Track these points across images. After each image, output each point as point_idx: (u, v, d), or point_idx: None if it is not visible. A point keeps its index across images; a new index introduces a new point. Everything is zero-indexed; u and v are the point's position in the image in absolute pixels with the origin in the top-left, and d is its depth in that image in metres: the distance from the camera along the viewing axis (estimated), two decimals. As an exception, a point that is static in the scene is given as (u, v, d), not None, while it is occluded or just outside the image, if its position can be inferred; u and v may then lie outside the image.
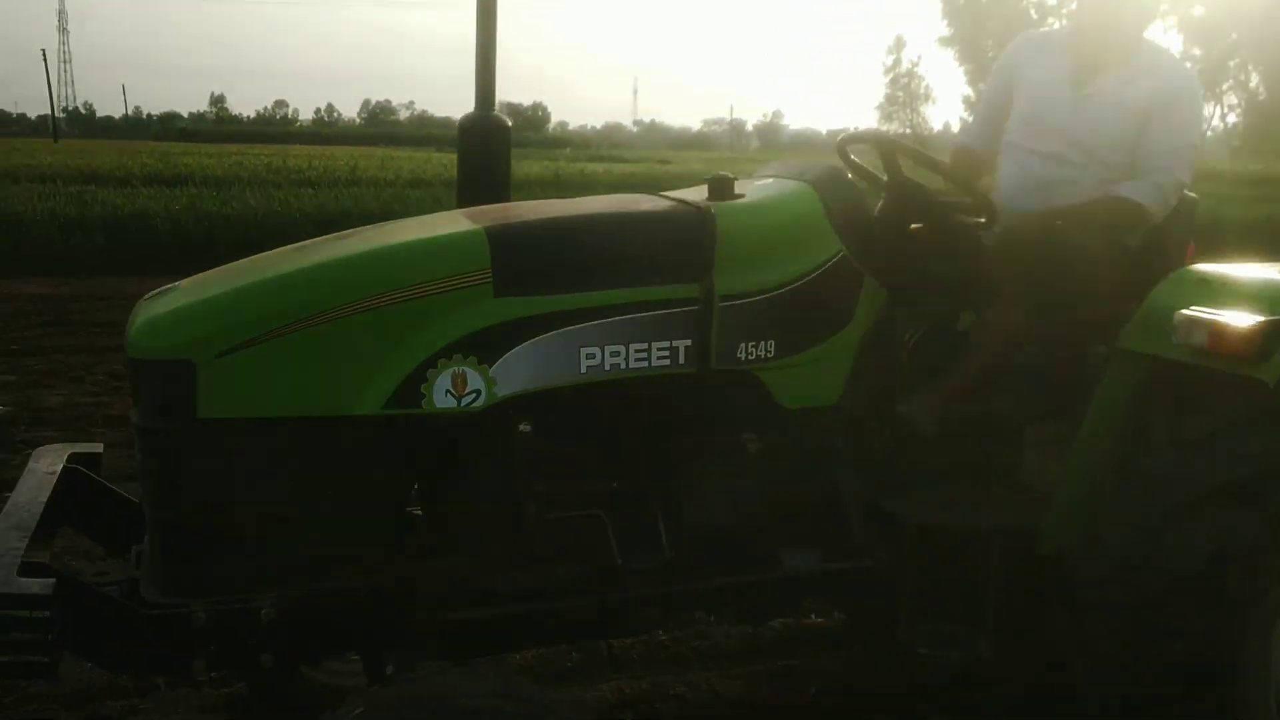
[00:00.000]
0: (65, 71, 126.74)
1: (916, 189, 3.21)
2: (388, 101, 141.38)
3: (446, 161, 24.99)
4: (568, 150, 49.82)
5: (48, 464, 2.89)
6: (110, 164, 24.11)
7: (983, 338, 3.21)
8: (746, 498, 2.92)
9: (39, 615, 2.21)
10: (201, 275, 2.77)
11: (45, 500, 2.68)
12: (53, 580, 2.25)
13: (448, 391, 2.52)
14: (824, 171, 3.03)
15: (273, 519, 2.49)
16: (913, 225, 3.22)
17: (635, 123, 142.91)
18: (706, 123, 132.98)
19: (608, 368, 2.64)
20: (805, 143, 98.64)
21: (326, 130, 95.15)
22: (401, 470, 2.57)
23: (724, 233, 2.76)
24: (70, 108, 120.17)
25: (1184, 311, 2.73)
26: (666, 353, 2.69)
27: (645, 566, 2.81)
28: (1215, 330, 2.64)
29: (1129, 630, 2.66)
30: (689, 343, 2.71)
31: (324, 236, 2.98)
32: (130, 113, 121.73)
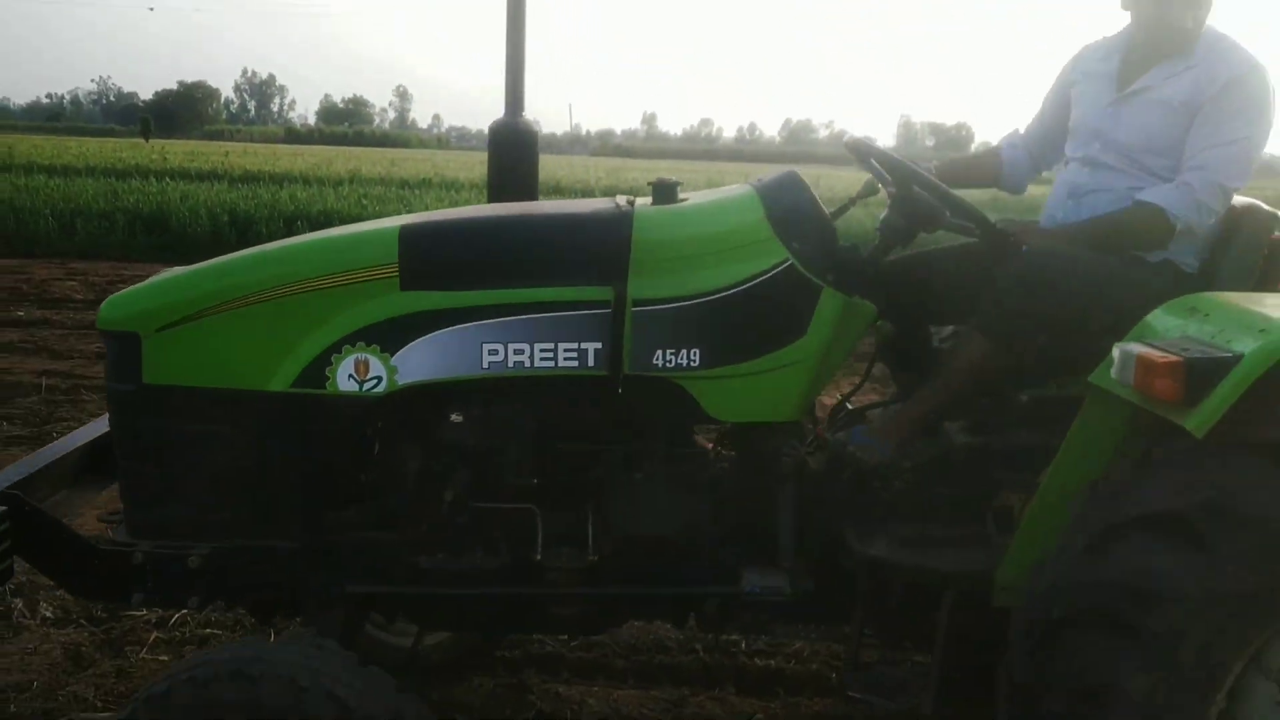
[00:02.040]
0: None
1: (922, 201, 2.99)
2: (808, 120, 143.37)
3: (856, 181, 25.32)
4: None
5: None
6: (566, 179, 27.28)
7: (947, 367, 2.95)
8: (676, 508, 2.87)
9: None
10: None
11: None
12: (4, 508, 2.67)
13: (350, 376, 2.70)
14: (779, 177, 2.92)
15: (202, 478, 2.79)
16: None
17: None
18: None
19: (511, 365, 2.72)
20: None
21: (748, 149, 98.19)
22: (309, 445, 2.78)
23: (640, 237, 2.74)
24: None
25: (1124, 344, 2.39)
26: (575, 354, 2.72)
27: (567, 566, 2.84)
28: (1141, 367, 2.29)
29: (1029, 663, 2.38)
30: (599, 345, 2.72)
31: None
32: (572, 129, 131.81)
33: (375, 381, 2.71)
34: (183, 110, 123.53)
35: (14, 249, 14.54)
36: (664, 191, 2.92)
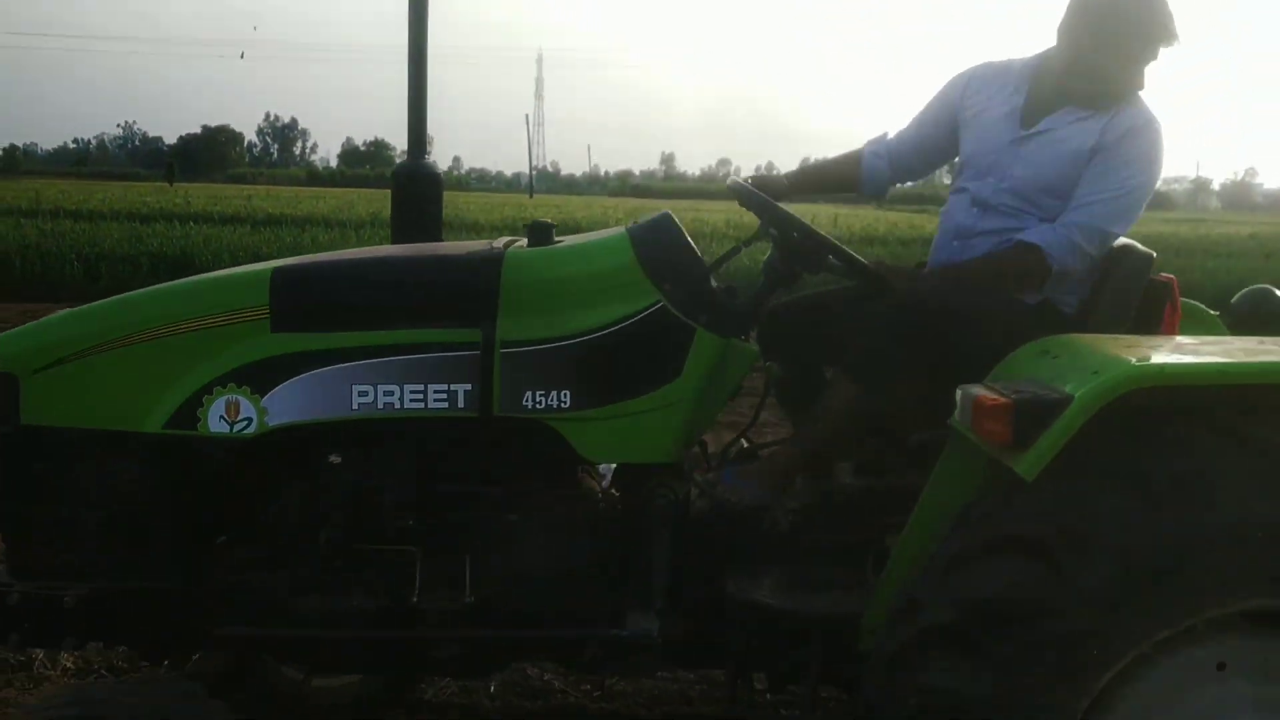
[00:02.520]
0: (539, 134, 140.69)
1: (807, 243, 3.01)
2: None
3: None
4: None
5: None
6: (584, 217, 27.96)
7: (819, 411, 2.94)
8: (552, 550, 2.87)
9: None
10: None
11: None
12: None
13: (221, 417, 2.73)
14: (652, 219, 2.94)
15: (79, 519, 2.80)
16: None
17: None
18: (1166, 181, 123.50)
19: (381, 406, 2.73)
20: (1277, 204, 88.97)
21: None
22: (183, 486, 2.80)
23: (509, 278, 2.77)
24: (540, 166, 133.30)
25: (966, 387, 2.39)
26: (444, 396, 2.73)
27: (443, 608, 2.84)
28: (975, 410, 2.29)
29: (878, 685, 2.36)
30: (469, 387, 2.73)
31: None
32: (590, 170, 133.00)
33: (246, 423, 2.73)
34: (206, 154, 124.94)
35: (39, 293, 14.58)
36: (540, 233, 2.94)
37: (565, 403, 2.75)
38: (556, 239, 2.95)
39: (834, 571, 2.88)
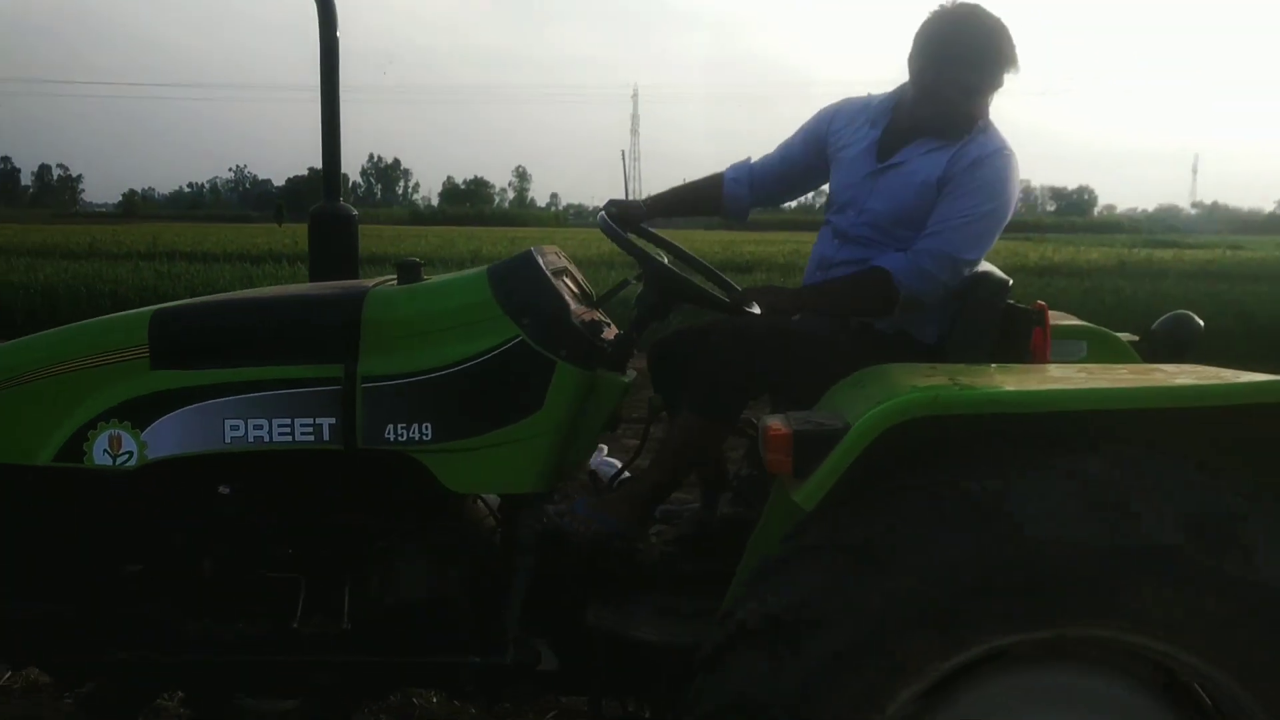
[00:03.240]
0: (635, 169, 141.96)
1: (673, 277, 3.08)
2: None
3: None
4: (1122, 235, 47.64)
5: None
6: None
7: (666, 442, 2.99)
8: (422, 578, 2.96)
9: None
10: None
11: None
12: None
13: (105, 451, 2.89)
14: (513, 257, 3.02)
15: None
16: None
17: (1194, 205, 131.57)
18: None
19: (250, 440, 2.86)
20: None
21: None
22: (73, 517, 2.96)
23: (369, 315, 2.88)
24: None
25: (767, 416, 2.42)
26: (310, 429, 2.86)
27: (321, 633, 2.95)
28: (764, 439, 2.32)
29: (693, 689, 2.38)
30: (333, 421, 2.85)
31: None
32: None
33: (127, 456, 2.89)
34: (314, 195, 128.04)
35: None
36: (407, 271, 3.06)
37: (428, 435, 2.85)
38: (426, 277, 3.07)
39: (697, 600, 2.92)
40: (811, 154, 3.37)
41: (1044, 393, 2.27)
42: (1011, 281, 3.10)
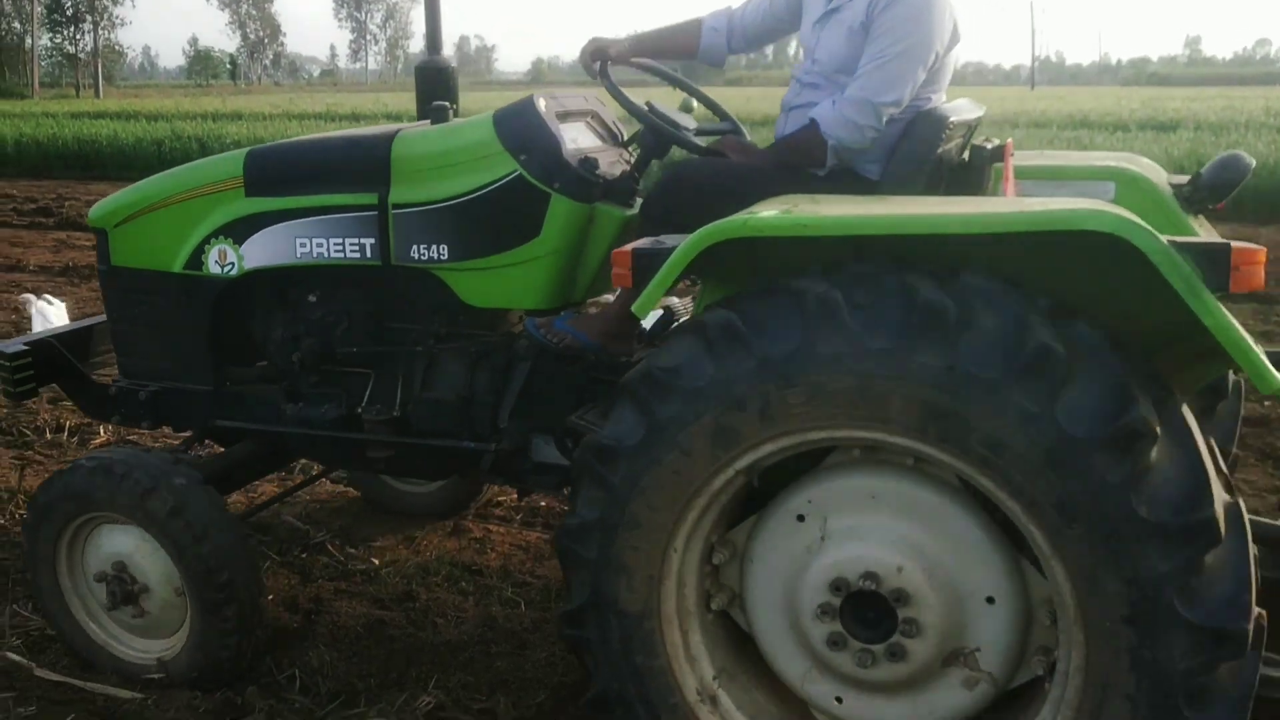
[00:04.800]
0: (1041, 21, 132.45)
1: (662, 122, 3.39)
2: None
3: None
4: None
5: None
6: (1092, 109, 27.16)
7: None
8: (450, 378, 3.53)
9: (21, 363, 3.90)
10: None
11: None
12: (24, 344, 3.92)
13: (215, 261, 3.64)
14: (516, 103, 3.41)
15: (144, 336, 3.87)
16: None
17: None
18: None
19: (315, 255, 3.51)
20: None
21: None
22: (198, 314, 3.74)
23: (397, 154, 3.41)
24: (1042, 56, 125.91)
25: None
26: (357, 248, 3.46)
27: (378, 419, 3.60)
28: (613, 256, 2.68)
29: None
30: (373, 240, 3.43)
31: None
32: (1100, 58, 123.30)
33: (231, 266, 3.63)
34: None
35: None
36: (437, 114, 3.55)
37: (444, 255, 3.38)
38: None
39: None
40: (789, 6, 3.49)
41: (846, 219, 2.43)
42: (958, 118, 3.12)
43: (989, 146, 3.18)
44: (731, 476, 2.54)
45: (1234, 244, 2.23)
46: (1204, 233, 3.43)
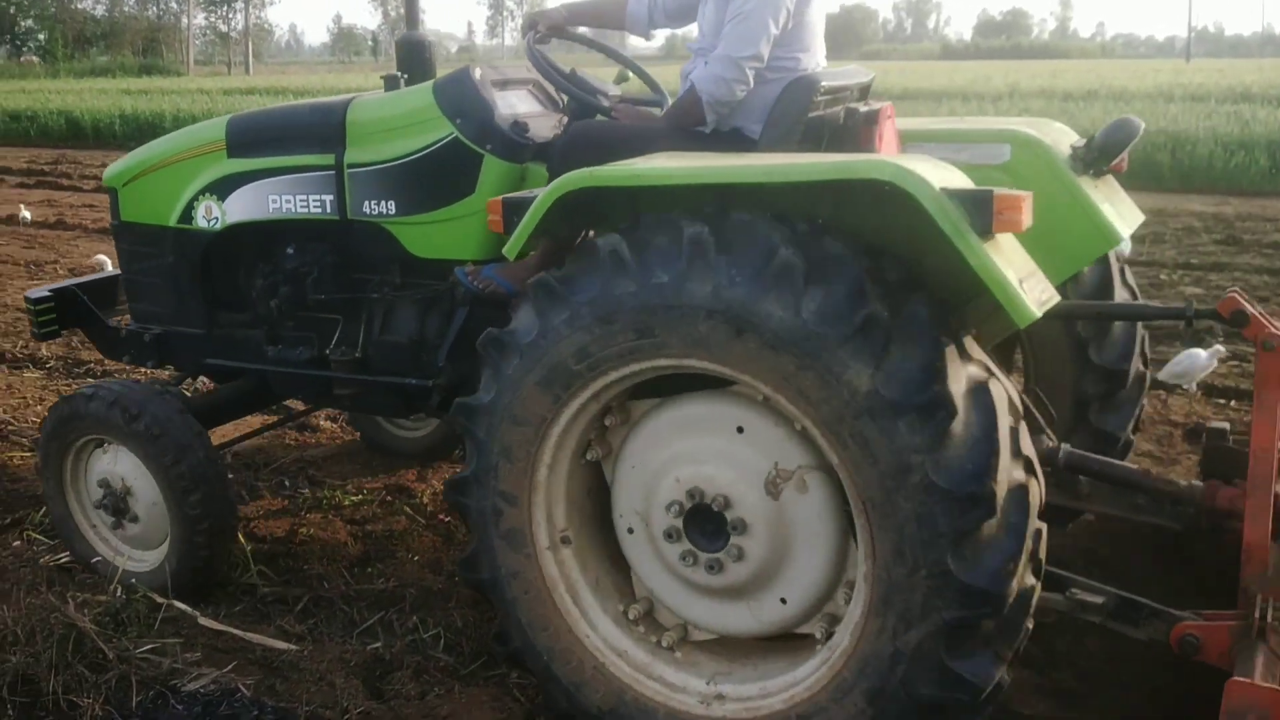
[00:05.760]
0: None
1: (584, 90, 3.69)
2: None
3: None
4: None
5: None
6: (1253, 81, 26.31)
7: None
8: (402, 323, 3.88)
9: (44, 308, 4.41)
10: None
11: None
12: (49, 291, 4.43)
13: (203, 216, 4.07)
14: (454, 72, 3.72)
15: (148, 283, 4.33)
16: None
17: None
18: None
19: (284, 211, 3.91)
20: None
21: None
22: (191, 263, 4.17)
23: (351, 118, 3.78)
24: (1199, 27, 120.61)
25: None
26: (319, 203, 3.84)
27: (341, 359, 3.98)
28: (488, 205, 3.08)
29: None
30: (331, 197, 3.81)
31: None
32: (1263, 28, 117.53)
33: (216, 220, 4.05)
34: (842, 33, 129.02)
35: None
36: (390, 82, 3.91)
37: (392, 210, 3.74)
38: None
39: None
40: None
41: (669, 170, 2.76)
42: (832, 83, 3.32)
43: (862, 110, 3.37)
44: (597, 391, 2.86)
45: (996, 191, 2.45)
46: (1106, 191, 3.58)
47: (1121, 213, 3.56)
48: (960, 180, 2.59)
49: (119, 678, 3.34)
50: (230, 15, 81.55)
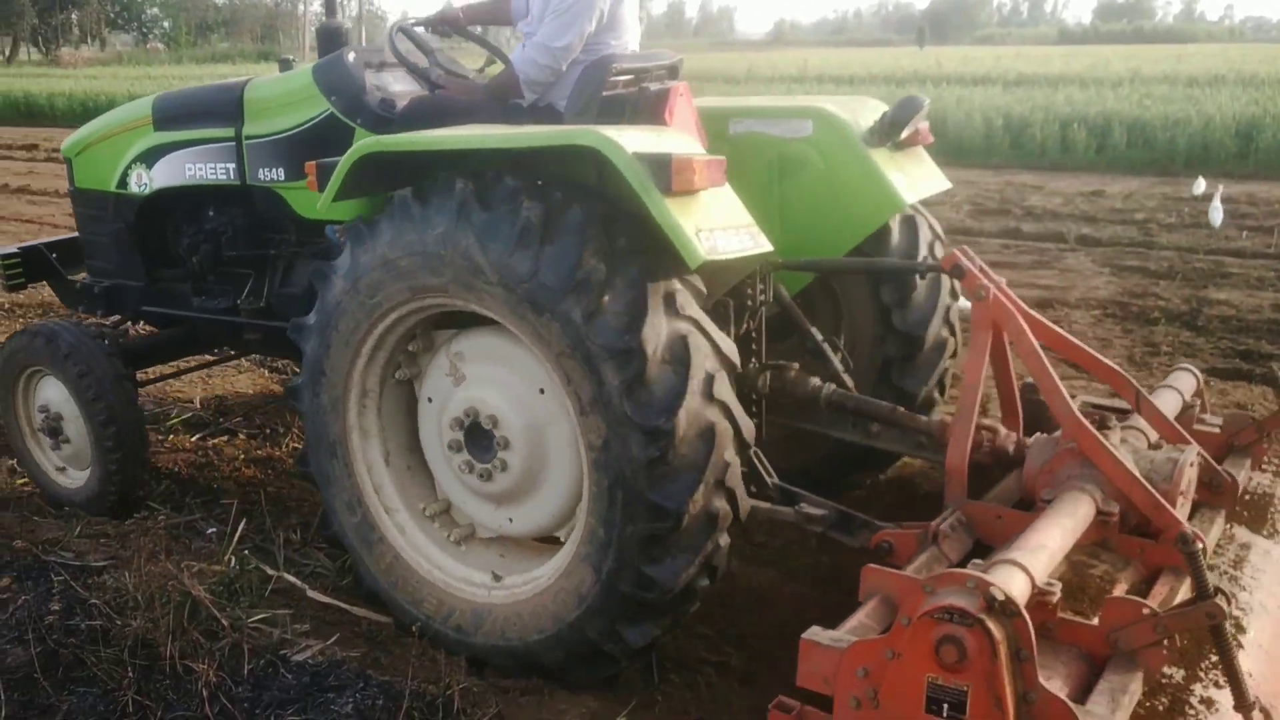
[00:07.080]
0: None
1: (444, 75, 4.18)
2: None
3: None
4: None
5: None
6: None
7: None
8: (296, 275, 4.39)
9: (13, 263, 5.05)
10: None
11: None
12: (17, 249, 5.07)
13: (135, 182, 4.64)
14: (329, 57, 4.20)
15: (99, 242, 4.92)
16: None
17: None
18: None
19: (197, 177, 4.45)
20: None
21: None
22: (127, 224, 4.74)
23: (248, 97, 4.30)
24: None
25: None
26: (224, 171, 4.38)
27: (249, 308, 4.51)
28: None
29: None
30: (233, 165, 4.34)
31: None
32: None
33: (145, 186, 4.62)
34: (956, 16, 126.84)
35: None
36: (284, 65, 4.41)
37: (281, 177, 4.25)
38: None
39: None
40: None
41: (431, 138, 3.24)
42: (629, 65, 3.75)
43: (653, 89, 3.75)
44: (393, 322, 3.38)
45: (675, 154, 2.88)
46: (903, 161, 3.94)
47: (914, 181, 3.91)
48: (655, 147, 2.98)
49: (232, 645, 3.46)
50: (344, 2, 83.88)
